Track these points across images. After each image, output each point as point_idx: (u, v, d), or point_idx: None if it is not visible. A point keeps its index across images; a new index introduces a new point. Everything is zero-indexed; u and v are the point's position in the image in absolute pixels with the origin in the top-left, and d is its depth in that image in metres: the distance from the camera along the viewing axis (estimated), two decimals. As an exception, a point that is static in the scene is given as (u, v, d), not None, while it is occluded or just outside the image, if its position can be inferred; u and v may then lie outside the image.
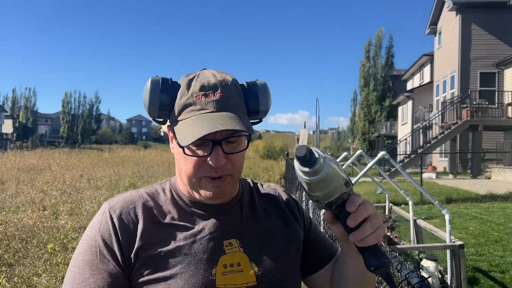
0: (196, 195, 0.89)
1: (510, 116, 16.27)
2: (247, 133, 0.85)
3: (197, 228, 0.89)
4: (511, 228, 7.46)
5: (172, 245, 0.85)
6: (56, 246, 4.54)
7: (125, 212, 0.87)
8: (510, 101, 16.51)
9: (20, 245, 4.72)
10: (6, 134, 50.41)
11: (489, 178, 15.18)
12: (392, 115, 32.94)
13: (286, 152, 22.23)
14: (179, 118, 0.85)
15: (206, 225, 0.89)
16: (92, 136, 74.40)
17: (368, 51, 34.52)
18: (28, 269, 4.04)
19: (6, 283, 3.69)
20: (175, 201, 0.92)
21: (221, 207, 0.91)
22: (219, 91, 0.84)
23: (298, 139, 12.76)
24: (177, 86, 0.87)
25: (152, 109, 0.86)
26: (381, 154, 5.06)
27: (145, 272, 0.83)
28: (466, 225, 7.77)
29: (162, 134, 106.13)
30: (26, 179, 10.64)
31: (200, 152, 0.84)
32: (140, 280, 0.83)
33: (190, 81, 0.86)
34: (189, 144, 0.80)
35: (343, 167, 6.64)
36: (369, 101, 33.98)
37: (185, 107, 0.84)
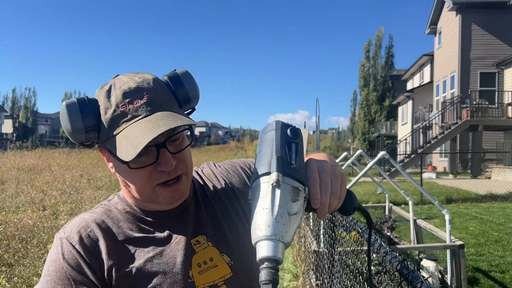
0: (153, 206, 0.86)
1: (510, 116, 16.27)
2: (188, 128, 0.82)
3: (161, 235, 0.85)
4: (511, 228, 7.47)
5: (142, 259, 0.82)
6: (56, 246, 4.54)
7: (84, 237, 0.82)
8: (510, 101, 16.51)
9: (20, 245, 4.72)
10: (6, 134, 50.45)
11: (489, 178, 15.19)
12: (392, 115, 32.95)
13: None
14: (110, 134, 0.79)
15: (169, 231, 0.86)
16: (92, 136, 74.41)
17: (368, 51, 34.54)
18: (28, 269, 4.04)
19: (6, 283, 3.69)
20: (130, 215, 0.87)
21: (177, 209, 0.88)
22: (144, 93, 0.79)
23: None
24: (96, 102, 0.80)
25: (78, 136, 0.80)
26: (381, 154, 5.06)
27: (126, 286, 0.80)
28: (466, 225, 7.77)
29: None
30: (26, 179, 10.64)
31: (145, 161, 0.78)
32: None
33: (109, 92, 0.80)
34: (134, 158, 0.73)
35: (343, 167, 6.63)
36: (369, 101, 33.99)
37: (114, 120, 0.78)
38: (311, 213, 2.76)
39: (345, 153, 7.35)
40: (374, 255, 1.53)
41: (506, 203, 10.22)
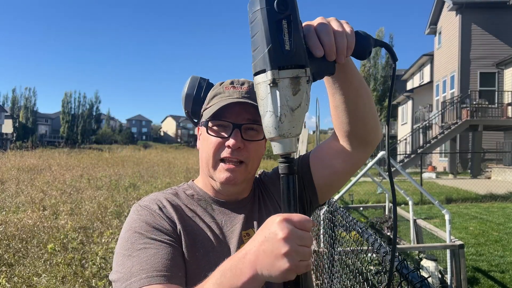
0: (213, 184, 0.97)
1: (510, 116, 16.27)
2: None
3: (219, 220, 0.96)
4: (511, 228, 7.47)
5: (200, 236, 0.92)
6: (56, 246, 4.54)
7: (160, 206, 0.94)
8: (510, 101, 16.51)
9: (20, 245, 4.72)
10: (6, 134, 50.40)
11: (489, 178, 15.19)
12: (392, 115, 32.94)
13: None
14: (207, 106, 0.98)
15: (225, 219, 0.97)
16: (92, 136, 74.39)
17: (368, 51, 34.55)
18: (28, 269, 4.04)
19: (6, 283, 3.69)
20: (196, 199, 0.99)
21: (237, 203, 1.00)
22: (246, 85, 0.97)
23: (298, 139, 12.75)
24: (211, 86, 1.02)
25: (187, 103, 1.01)
26: (381, 154, 5.06)
27: (190, 251, 0.90)
28: (466, 225, 7.77)
29: (162, 134, 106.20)
30: (26, 179, 10.63)
31: (220, 132, 0.94)
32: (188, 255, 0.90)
33: (222, 82, 1.00)
34: (213, 118, 0.92)
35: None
36: (369, 101, 34.01)
37: (214, 96, 0.97)
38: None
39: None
40: (374, 255, 1.53)
41: (506, 203, 10.22)
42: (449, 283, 4.13)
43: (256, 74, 0.69)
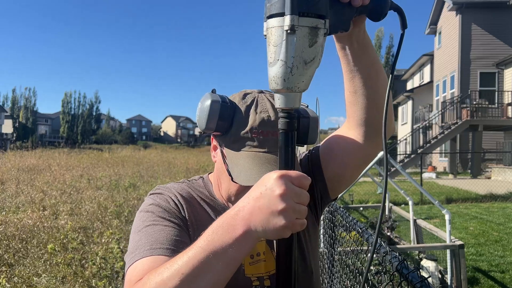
0: (227, 204, 0.95)
1: (510, 116, 16.26)
2: None
3: None
4: (511, 228, 7.46)
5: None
6: (56, 246, 4.54)
7: (174, 195, 0.93)
8: (510, 101, 16.51)
9: (20, 245, 4.72)
10: (6, 134, 50.36)
11: (489, 178, 15.18)
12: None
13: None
14: (233, 146, 0.88)
15: None
16: (92, 136, 74.43)
17: (368, 51, 34.53)
18: (28, 269, 4.04)
19: (6, 283, 3.69)
20: (207, 198, 0.97)
21: None
22: (276, 130, 0.80)
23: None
24: (233, 108, 0.88)
25: (205, 131, 0.89)
26: (381, 154, 5.06)
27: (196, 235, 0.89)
28: (466, 225, 7.77)
29: (162, 134, 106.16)
30: (26, 179, 10.63)
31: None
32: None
33: (249, 108, 0.88)
34: (243, 184, 0.83)
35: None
36: (369, 101, 33.99)
37: (242, 138, 0.87)
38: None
39: None
40: (374, 255, 1.53)
41: (506, 203, 10.21)
42: (449, 283, 4.13)
43: (270, 17, 0.63)
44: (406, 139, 23.86)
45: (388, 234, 6.35)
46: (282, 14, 0.61)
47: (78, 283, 3.73)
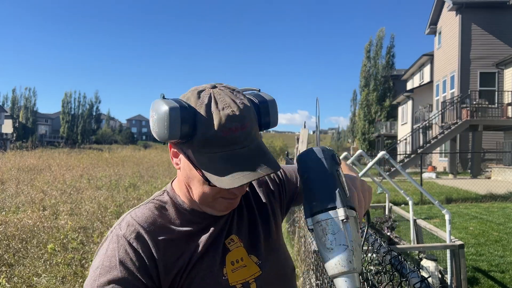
0: (205, 209, 0.92)
1: (510, 116, 16.26)
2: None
3: (203, 234, 0.91)
4: (511, 228, 7.46)
5: (187, 260, 0.87)
6: (56, 246, 4.54)
7: (139, 236, 0.85)
8: (510, 101, 16.51)
9: (20, 245, 4.72)
10: (6, 134, 50.35)
11: (489, 178, 15.19)
12: (392, 115, 32.93)
13: (286, 152, 22.21)
14: (204, 151, 0.80)
15: (209, 229, 0.91)
16: (92, 136, 74.42)
17: (369, 51, 34.51)
18: (28, 269, 4.04)
19: (6, 283, 3.69)
20: (179, 213, 0.92)
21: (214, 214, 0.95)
22: (245, 123, 0.80)
23: (298, 139, 12.76)
24: (193, 110, 0.80)
25: (168, 141, 0.81)
26: (381, 154, 5.06)
27: (181, 280, 0.86)
28: (466, 225, 7.77)
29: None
30: (26, 179, 10.63)
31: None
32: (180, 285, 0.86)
33: (209, 107, 0.80)
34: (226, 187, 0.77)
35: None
36: (369, 101, 33.97)
37: (211, 141, 0.79)
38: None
39: (345, 153, 7.35)
40: (374, 255, 1.53)
41: (506, 203, 10.21)
42: (449, 283, 4.13)
43: (318, 212, 0.73)
44: (406, 139, 23.86)
45: (388, 234, 6.34)
46: (334, 208, 0.72)
47: (78, 283, 3.73)
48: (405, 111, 28.20)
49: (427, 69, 25.68)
